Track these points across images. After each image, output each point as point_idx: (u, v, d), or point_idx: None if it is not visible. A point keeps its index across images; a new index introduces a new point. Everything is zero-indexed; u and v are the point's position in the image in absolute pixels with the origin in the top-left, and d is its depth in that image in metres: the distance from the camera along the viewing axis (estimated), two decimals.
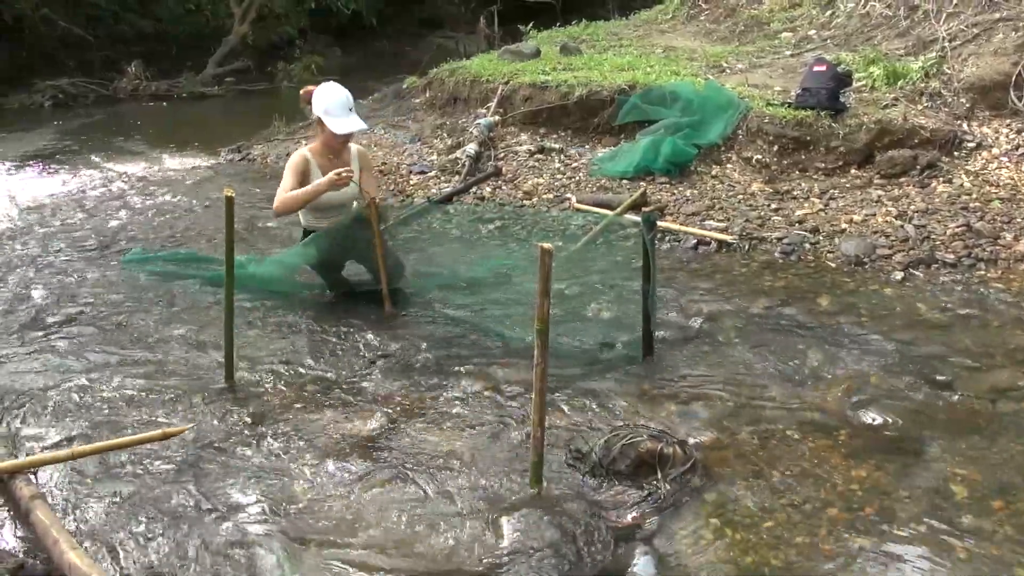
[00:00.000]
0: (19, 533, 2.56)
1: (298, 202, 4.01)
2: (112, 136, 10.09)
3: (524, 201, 6.08)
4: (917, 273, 4.45)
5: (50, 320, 4.20)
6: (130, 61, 13.80)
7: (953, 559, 2.37)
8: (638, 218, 3.73)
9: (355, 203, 4.19)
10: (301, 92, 4.20)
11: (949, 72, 6.22)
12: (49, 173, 8.01)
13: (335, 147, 4.07)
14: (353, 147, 4.22)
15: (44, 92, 12.88)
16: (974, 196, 5.20)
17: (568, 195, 6.00)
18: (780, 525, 2.53)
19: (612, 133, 6.86)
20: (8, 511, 2.66)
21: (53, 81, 13.06)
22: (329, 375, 3.58)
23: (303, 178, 4.04)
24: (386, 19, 17.70)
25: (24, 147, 9.39)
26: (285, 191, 3.98)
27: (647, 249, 3.37)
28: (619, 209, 5.36)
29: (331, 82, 4.13)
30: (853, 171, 5.78)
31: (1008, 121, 5.82)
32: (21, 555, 2.44)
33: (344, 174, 3.85)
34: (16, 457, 2.90)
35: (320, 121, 4.02)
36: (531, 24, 10.92)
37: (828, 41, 7.93)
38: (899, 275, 4.43)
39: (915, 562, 2.36)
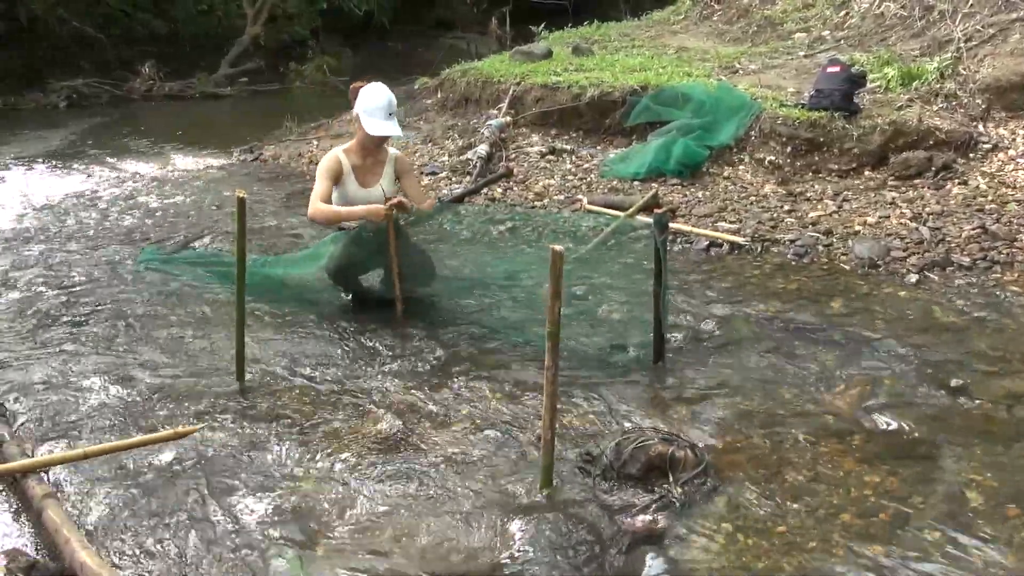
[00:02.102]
0: (31, 532, 2.57)
1: (331, 219, 4.01)
2: (125, 136, 10.15)
3: (535, 202, 6.07)
4: (932, 276, 4.41)
5: (63, 320, 4.22)
6: (144, 62, 13.88)
7: (968, 566, 2.34)
8: (649, 220, 3.71)
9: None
10: (351, 87, 4.14)
11: (965, 73, 6.16)
12: (63, 173, 8.06)
13: (369, 148, 4.02)
14: (391, 151, 4.15)
15: (59, 92, 12.97)
16: (990, 198, 5.15)
17: (579, 196, 5.99)
18: (792, 530, 2.51)
19: (624, 134, 6.84)
20: (20, 510, 2.67)
21: (67, 81, 13.15)
22: (339, 376, 3.58)
23: (336, 179, 4.01)
24: (398, 20, 17.73)
25: (38, 147, 9.46)
26: (319, 197, 3.94)
27: (659, 251, 3.35)
28: (630, 211, 5.34)
29: (378, 83, 4.06)
30: (867, 173, 5.74)
31: None
32: (33, 554, 2.45)
33: (386, 211, 3.81)
34: (28, 456, 2.91)
35: (357, 118, 3.98)
36: (543, 25, 10.90)
37: (842, 42, 7.88)
38: (914, 278, 4.39)
39: (929, 569, 2.33)
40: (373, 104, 3.94)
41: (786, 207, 5.44)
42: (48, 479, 2.78)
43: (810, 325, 3.91)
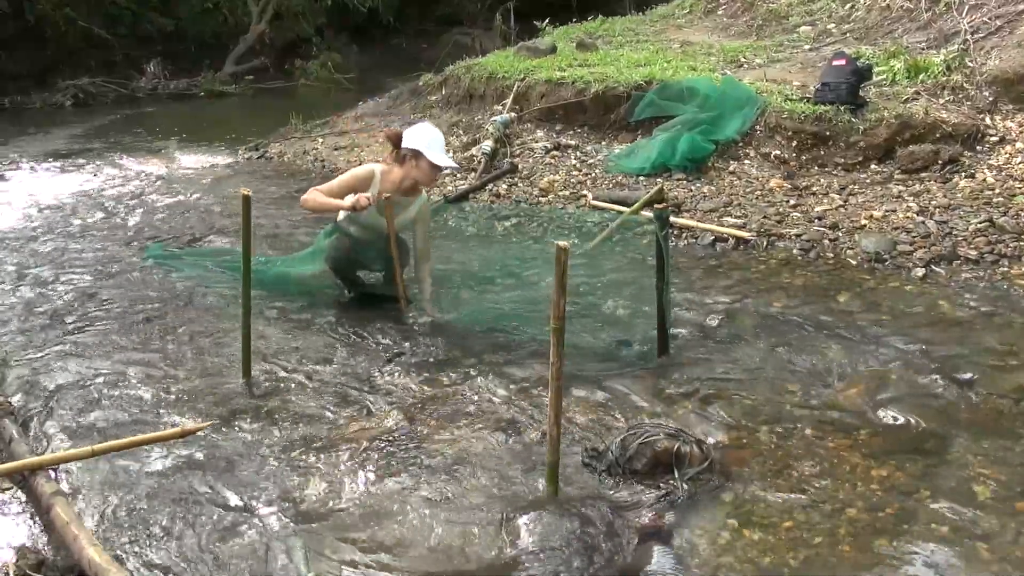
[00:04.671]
0: (39, 530, 2.59)
1: (321, 208, 4.05)
2: (131, 135, 10.18)
3: (540, 198, 6.06)
4: (939, 270, 4.39)
5: (70, 319, 4.24)
6: (150, 60, 13.92)
7: (975, 560, 2.33)
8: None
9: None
10: (387, 131, 4.31)
11: (971, 65, 6.13)
12: (69, 172, 8.09)
13: (423, 181, 4.08)
14: (423, 195, 4.21)
15: (65, 92, 13.01)
16: (997, 191, 5.12)
17: (584, 192, 5.98)
18: (799, 525, 2.51)
19: (629, 129, 6.83)
20: (29, 508, 2.69)
21: (74, 81, 13.19)
22: (345, 373, 3.59)
23: (358, 189, 4.03)
24: (403, 17, 17.72)
25: (45, 146, 9.49)
26: (324, 191, 4.00)
27: (660, 246, 3.35)
28: (635, 206, 5.32)
29: (427, 123, 4.21)
30: (873, 166, 5.72)
31: None
32: (41, 551, 2.46)
33: (363, 201, 3.87)
34: (37, 454, 2.93)
35: (412, 155, 4.00)
36: (547, 20, 10.88)
37: (848, 35, 7.85)
38: (920, 272, 4.37)
39: (936, 563, 2.33)
40: (434, 140, 4.04)
41: (792, 201, 5.42)
42: (56, 477, 2.80)
43: (816, 320, 3.90)
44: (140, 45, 14.59)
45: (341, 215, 4.16)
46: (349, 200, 3.92)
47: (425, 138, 4.03)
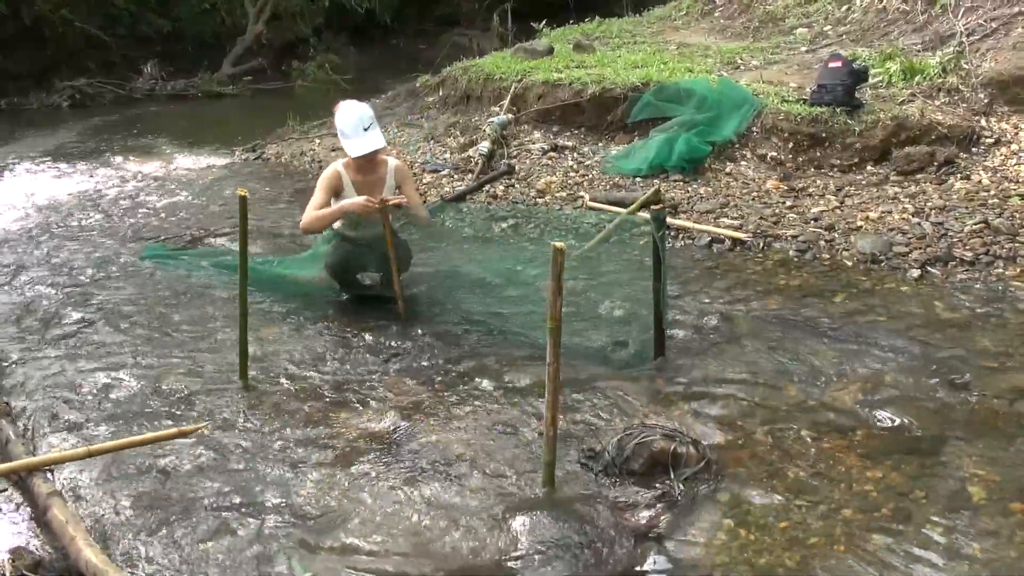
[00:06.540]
0: (36, 530, 2.59)
1: (325, 222, 4.03)
2: (128, 136, 10.17)
3: (537, 199, 6.07)
4: (934, 271, 4.41)
5: (67, 319, 4.24)
6: (148, 61, 13.91)
7: (970, 561, 2.35)
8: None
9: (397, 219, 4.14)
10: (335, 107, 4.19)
11: (967, 67, 6.14)
12: (66, 173, 8.08)
13: (363, 165, 4.04)
14: (391, 161, 4.18)
15: (62, 92, 12.99)
16: (993, 193, 5.14)
17: (581, 193, 5.99)
18: (794, 526, 2.52)
19: (626, 131, 6.83)
20: (26, 509, 2.69)
21: (71, 82, 13.17)
22: (343, 374, 3.59)
23: (335, 193, 4.03)
24: (402, 17, 17.72)
25: (42, 147, 9.48)
26: (314, 208, 3.97)
27: (657, 247, 3.36)
28: (632, 207, 5.33)
29: (348, 101, 4.09)
30: (869, 168, 5.73)
31: None
32: (38, 552, 2.46)
33: (373, 201, 3.83)
34: (34, 455, 2.93)
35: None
36: (544, 21, 10.88)
37: (844, 37, 7.86)
38: (916, 273, 4.38)
39: (931, 564, 2.34)
40: (347, 124, 3.95)
41: (788, 203, 5.43)
42: (53, 477, 2.80)
43: (812, 321, 3.91)
44: (138, 46, 14.56)
45: (337, 223, 4.17)
46: (347, 203, 3.89)
47: (339, 124, 3.98)
